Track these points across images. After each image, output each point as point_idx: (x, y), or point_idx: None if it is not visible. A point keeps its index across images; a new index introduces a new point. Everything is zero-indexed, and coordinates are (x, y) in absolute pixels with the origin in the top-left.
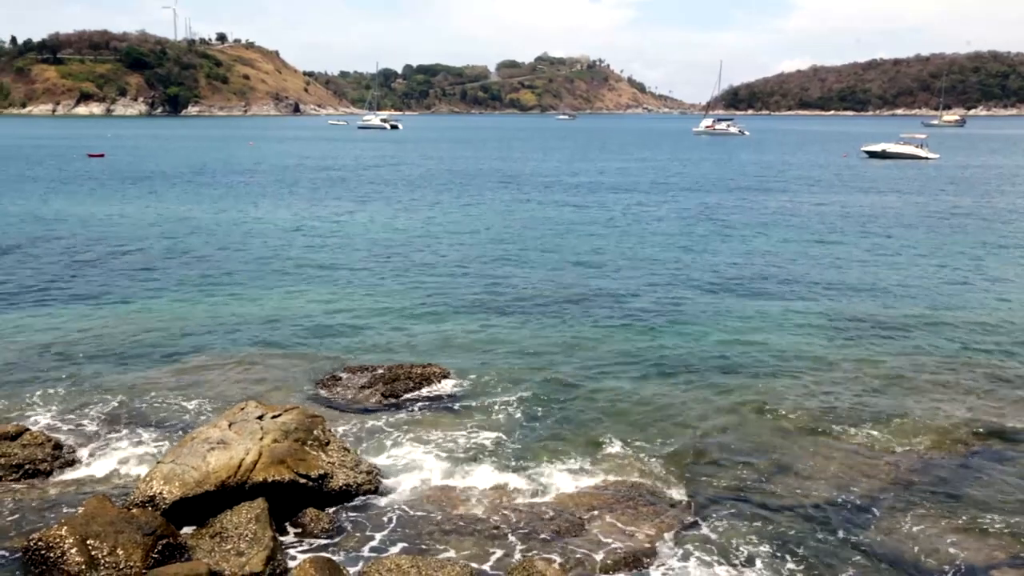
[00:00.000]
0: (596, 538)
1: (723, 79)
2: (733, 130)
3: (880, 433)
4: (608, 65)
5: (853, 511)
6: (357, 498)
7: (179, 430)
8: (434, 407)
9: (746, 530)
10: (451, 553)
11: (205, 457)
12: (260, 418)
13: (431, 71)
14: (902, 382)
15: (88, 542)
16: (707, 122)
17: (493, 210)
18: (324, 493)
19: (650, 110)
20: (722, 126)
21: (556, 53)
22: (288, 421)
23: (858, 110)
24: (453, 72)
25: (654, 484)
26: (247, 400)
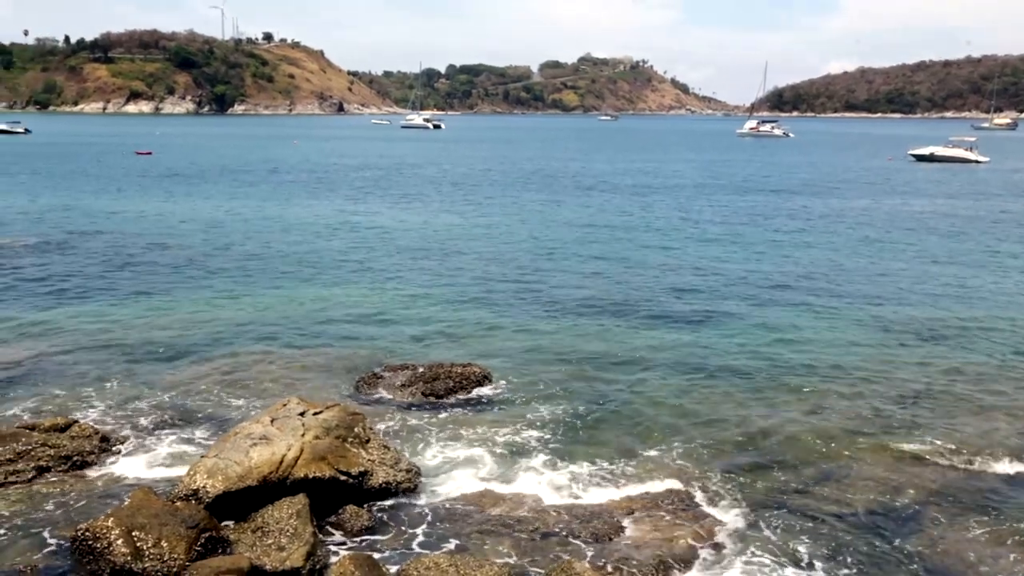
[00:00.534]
0: (635, 542)
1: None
2: (777, 132)
3: (927, 442)
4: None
5: (898, 521)
6: (396, 496)
7: (222, 425)
8: (473, 407)
9: (789, 537)
10: (489, 553)
11: (248, 452)
12: (302, 415)
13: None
14: (951, 389)
15: (134, 533)
16: (751, 124)
17: (535, 210)
18: (364, 490)
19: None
20: (766, 128)
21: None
22: (329, 418)
23: (906, 113)
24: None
25: (694, 488)
26: (289, 397)
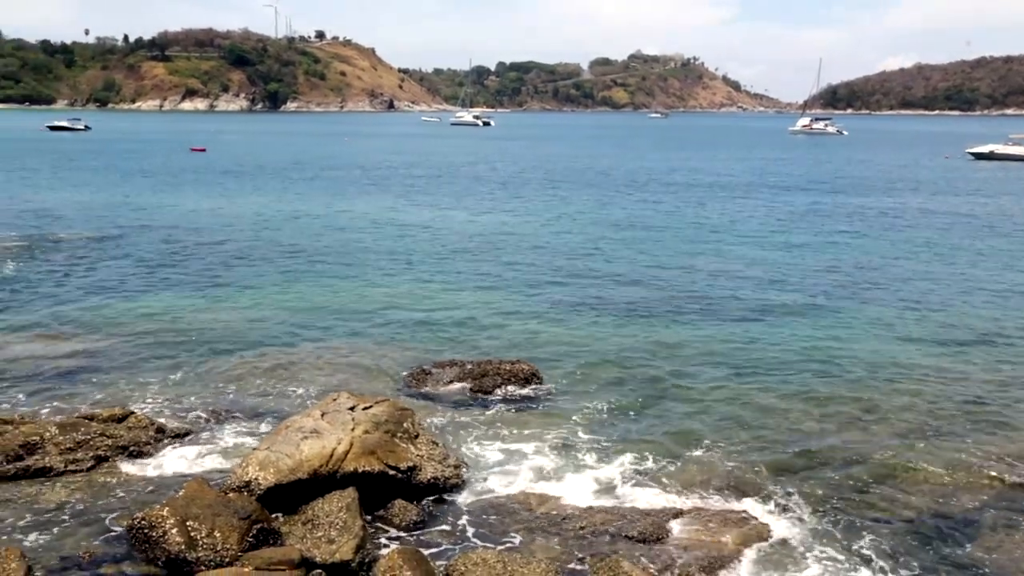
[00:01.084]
0: (682, 543)
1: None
2: (831, 130)
3: (983, 445)
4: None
5: (953, 526)
6: (444, 492)
7: (274, 418)
8: (522, 404)
9: (840, 541)
10: (536, 550)
11: (299, 445)
12: (352, 409)
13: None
14: (1008, 394)
15: (188, 523)
16: (804, 121)
17: (584, 208)
18: (412, 485)
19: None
20: (819, 125)
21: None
22: (379, 413)
23: (964, 110)
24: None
25: (743, 490)
26: (339, 391)
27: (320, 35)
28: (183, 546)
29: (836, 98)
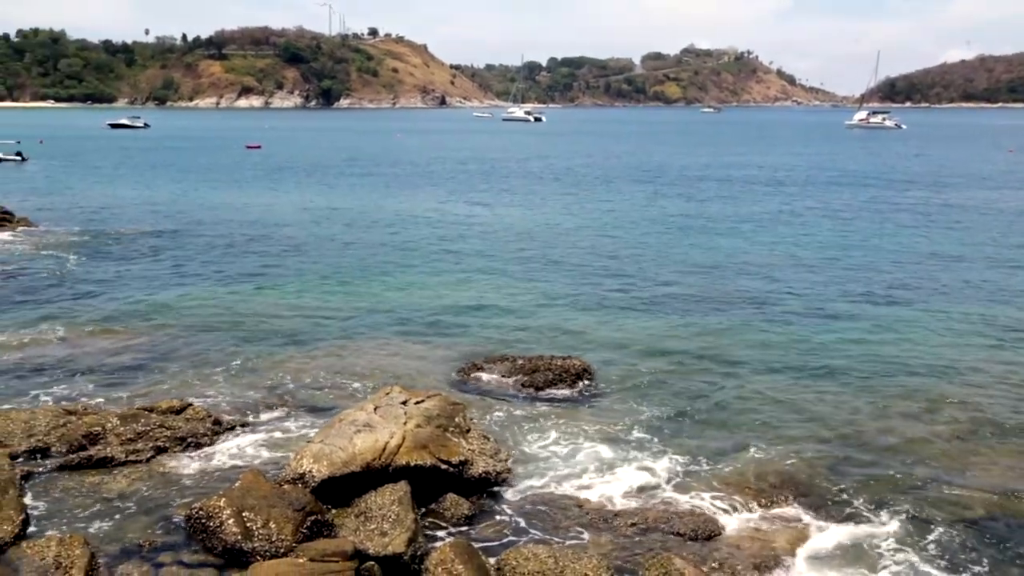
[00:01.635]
0: (734, 541)
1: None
2: (889, 123)
3: None
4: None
5: (1014, 527)
6: (495, 486)
7: (328, 411)
8: (573, 400)
9: (895, 540)
10: (587, 546)
11: (352, 439)
12: (404, 403)
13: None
14: None
15: (244, 514)
16: (861, 115)
17: (637, 204)
18: (463, 479)
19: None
20: (877, 119)
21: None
22: (431, 407)
23: None
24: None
25: (797, 488)
26: (392, 385)
27: (373, 32)
28: (239, 536)
29: (894, 91)
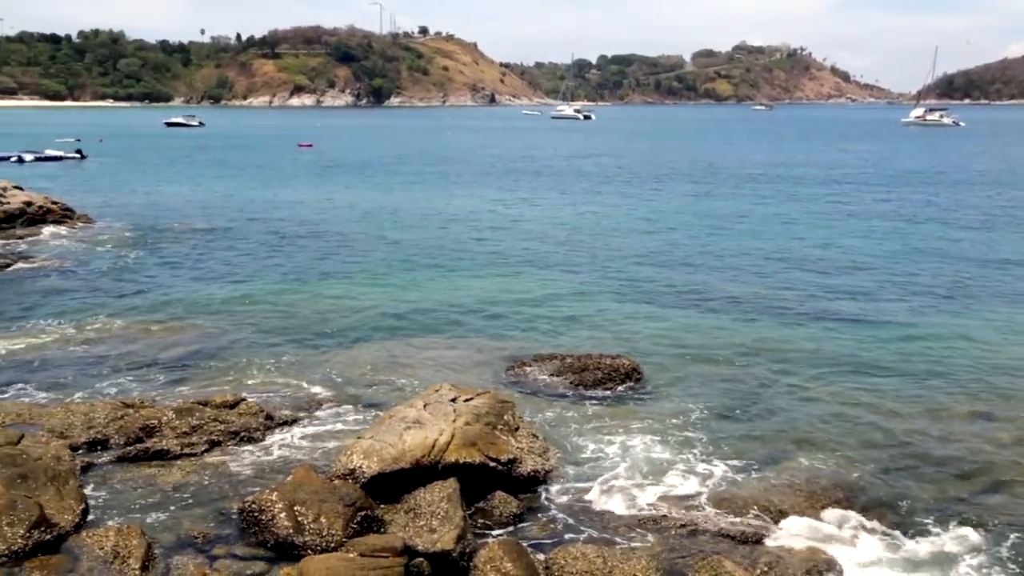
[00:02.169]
0: (785, 545)
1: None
2: (947, 121)
3: None
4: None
5: None
6: (544, 485)
7: (377, 407)
8: (622, 399)
9: (952, 551)
10: (636, 546)
11: (401, 435)
12: (453, 400)
13: (625, 61)
14: None
15: (295, 508)
16: (917, 112)
17: (688, 202)
18: (512, 478)
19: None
20: (934, 116)
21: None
22: (480, 405)
23: None
24: (647, 62)
25: (850, 493)
26: (441, 382)
27: (423, 30)
28: (291, 530)
29: (952, 88)
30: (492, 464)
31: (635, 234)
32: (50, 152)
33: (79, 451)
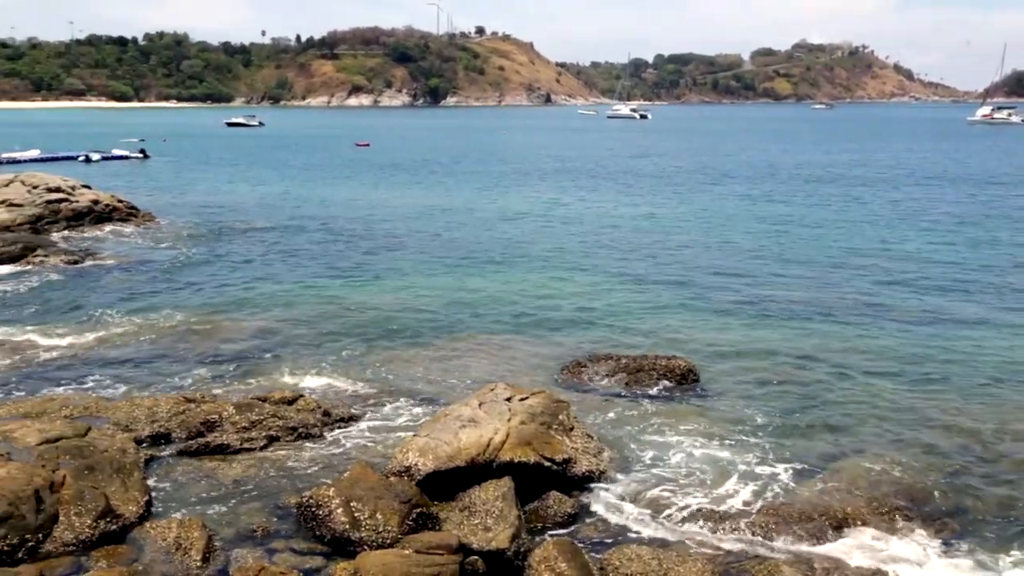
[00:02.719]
0: (844, 553)
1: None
2: (1016, 119)
3: None
4: (872, 51)
5: None
6: (598, 485)
7: (433, 405)
8: (677, 400)
9: (1018, 557)
10: (691, 549)
11: (456, 433)
12: (508, 399)
13: (682, 60)
14: None
15: (352, 504)
16: (984, 111)
17: (746, 203)
18: (567, 478)
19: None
20: (1002, 115)
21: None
22: (535, 404)
23: None
24: (705, 61)
25: (912, 500)
26: (496, 381)
27: (480, 31)
28: (347, 526)
29: (1021, 85)
30: (547, 464)
31: (692, 235)
32: (116, 152)
33: (143, 444)
